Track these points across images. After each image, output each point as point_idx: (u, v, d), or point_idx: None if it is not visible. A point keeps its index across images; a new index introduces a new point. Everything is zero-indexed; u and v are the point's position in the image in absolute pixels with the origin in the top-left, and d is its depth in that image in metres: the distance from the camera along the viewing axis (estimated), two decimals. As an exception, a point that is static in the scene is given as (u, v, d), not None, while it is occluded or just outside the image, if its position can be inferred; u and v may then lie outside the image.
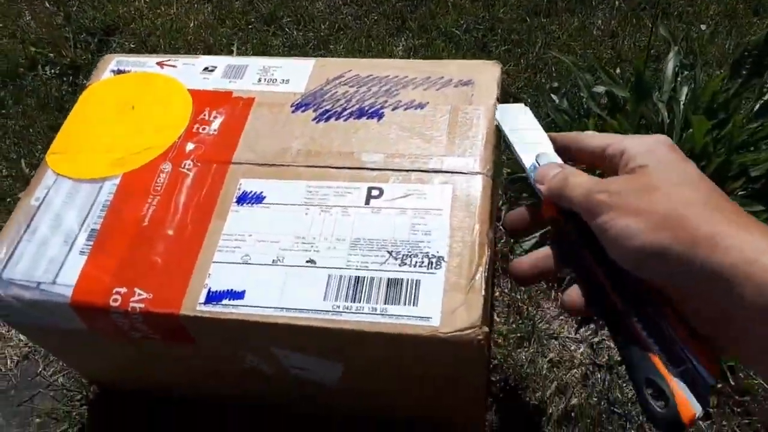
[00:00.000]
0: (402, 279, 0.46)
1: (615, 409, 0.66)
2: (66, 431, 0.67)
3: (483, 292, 0.45)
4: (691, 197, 0.29)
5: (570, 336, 0.71)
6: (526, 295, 0.74)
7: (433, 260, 0.47)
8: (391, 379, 0.52)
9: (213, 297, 0.47)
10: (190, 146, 0.56)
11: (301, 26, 1.01)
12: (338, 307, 0.46)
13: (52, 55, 0.99)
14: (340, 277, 0.47)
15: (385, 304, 0.45)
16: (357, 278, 0.47)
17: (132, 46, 1.03)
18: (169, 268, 0.49)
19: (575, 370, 0.69)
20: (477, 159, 0.52)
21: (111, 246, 0.50)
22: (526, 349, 0.70)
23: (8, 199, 0.85)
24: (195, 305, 0.47)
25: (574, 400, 0.67)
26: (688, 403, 0.27)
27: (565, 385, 0.68)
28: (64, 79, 0.97)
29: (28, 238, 0.52)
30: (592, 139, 0.40)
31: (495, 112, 0.55)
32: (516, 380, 0.68)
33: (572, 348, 0.70)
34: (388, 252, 0.48)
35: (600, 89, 0.81)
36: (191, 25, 1.00)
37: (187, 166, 0.54)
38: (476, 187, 0.50)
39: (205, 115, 0.58)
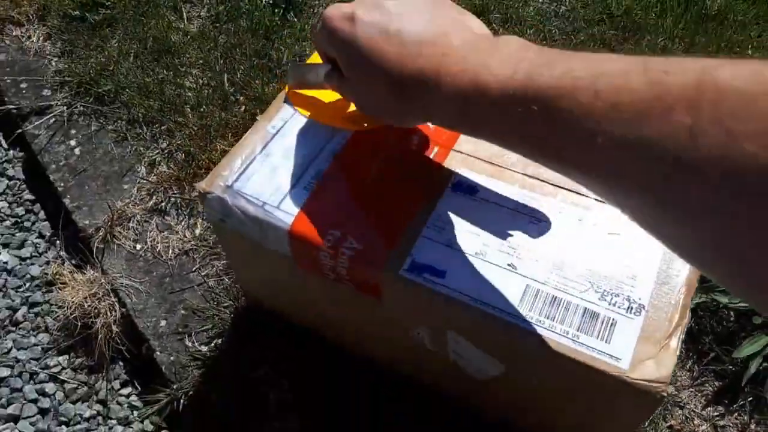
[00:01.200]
0: (599, 313, 0.47)
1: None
2: (207, 330, 0.73)
3: (676, 353, 0.46)
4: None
5: (696, 410, 0.70)
6: (661, 357, 0.73)
7: (634, 305, 0.48)
8: (546, 398, 0.54)
9: (415, 267, 0.50)
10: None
11: (508, 25, 1.02)
12: (531, 317, 0.47)
13: (269, -16, 1.05)
14: (538, 290, 0.49)
15: (578, 331, 0.47)
16: (555, 297, 0.48)
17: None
18: (381, 228, 0.52)
19: (691, 445, 0.68)
20: None
21: (333, 191, 0.54)
22: (647, 409, 0.70)
23: (203, 107, 0.92)
24: (398, 269, 0.50)
25: (682, 474, 0.66)
26: None
27: (679, 456, 0.67)
28: (276, 10, 1.03)
29: (262, 160, 0.56)
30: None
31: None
32: (630, 435, 0.68)
33: (695, 422, 0.69)
34: (589, 282, 0.49)
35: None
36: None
37: (414, 141, 0.57)
38: None
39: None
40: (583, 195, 0.53)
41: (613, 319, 0.47)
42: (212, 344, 0.72)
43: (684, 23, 1.01)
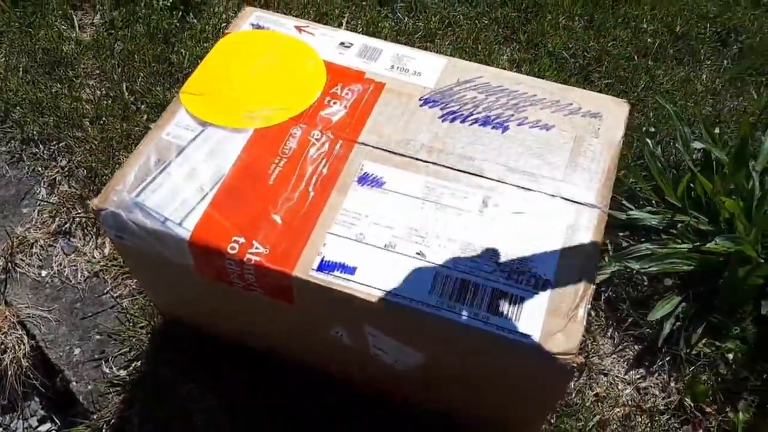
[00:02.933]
0: (507, 293, 0.48)
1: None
2: (125, 353, 0.70)
3: (584, 323, 0.47)
4: None
5: (619, 375, 0.72)
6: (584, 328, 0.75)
7: (540, 282, 0.48)
8: (467, 382, 0.54)
9: (326, 266, 0.49)
10: (320, 117, 0.57)
11: (413, 14, 1.02)
12: (443, 304, 0.47)
13: (165, -14, 1.01)
14: (447, 276, 0.49)
15: (487, 312, 0.47)
16: (464, 281, 0.48)
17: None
18: (288, 229, 0.51)
19: (618, 409, 0.70)
20: (594, 192, 0.53)
21: (235, 196, 0.52)
22: (575, 379, 0.72)
23: (103, 119, 0.87)
24: (308, 270, 0.49)
25: (612, 438, 0.68)
26: None
27: (606, 421, 0.69)
28: (174, 12, 0.99)
29: (157, 170, 0.54)
30: None
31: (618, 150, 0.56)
32: (561, 407, 0.69)
33: (620, 387, 0.72)
34: (496, 263, 0.49)
35: (698, 145, 0.82)
36: (303, -12, 1.02)
37: (315, 136, 0.56)
38: (590, 220, 0.52)
39: (337, 90, 0.59)
40: (486, 177, 0.54)
41: (520, 297, 0.47)
42: (131, 367, 0.69)
43: (582, 1, 1.04)
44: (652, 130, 0.88)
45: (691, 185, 0.82)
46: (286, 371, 0.66)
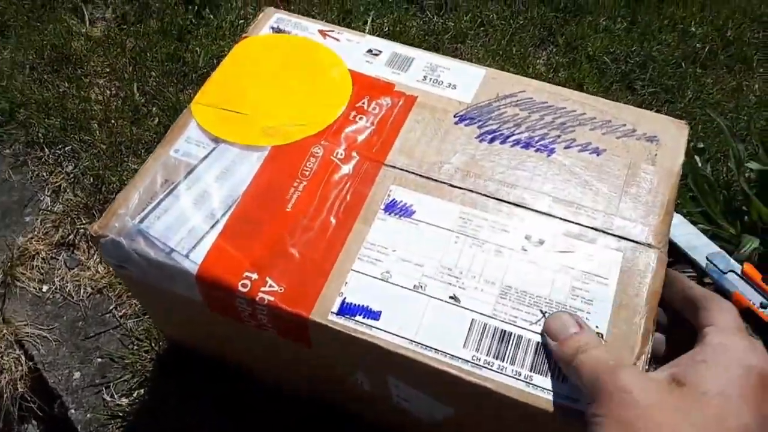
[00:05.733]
0: (555, 348, 0.42)
1: None
2: (127, 380, 0.65)
3: (642, 388, 0.40)
4: None
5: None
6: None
7: (592, 335, 0.42)
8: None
9: (347, 309, 0.43)
10: (344, 134, 0.51)
11: (443, 12, 0.95)
12: (478, 359, 0.41)
13: (181, -21, 0.96)
14: (485, 325, 0.43)
15: (531, 371, 0.41)
16: (504, 332, 0.42)
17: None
18: (306, 264, 0.45)
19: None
20: (652, 229, 0.47)
21: (249, 224, 0.47)
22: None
23: (112, 121, 0.82)
24: (327, 313, 0.43)
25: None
26: None
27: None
28: (189, 7, 0.94)
29: (164, 193, 0.48)
30: (690, 289, 0.40)
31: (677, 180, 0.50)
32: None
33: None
34: (541, 312, 0.43)
35: (754, 165, 0.75)
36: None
37: (338, 155, 0.50)
38: (649, 263, 0.45)
39: (364, 104, 0.53)
40: (530, 209, 0.48)
41: (570, 354, 0.41)
42: (133, 395, 0.64)
43: (625, 1, 0.97)
44: (701, 146, 0.81)
45: (745, 209, 0.75)
46: (301, 404, 0.61)
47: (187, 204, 0.48)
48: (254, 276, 0.45)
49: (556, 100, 0.54)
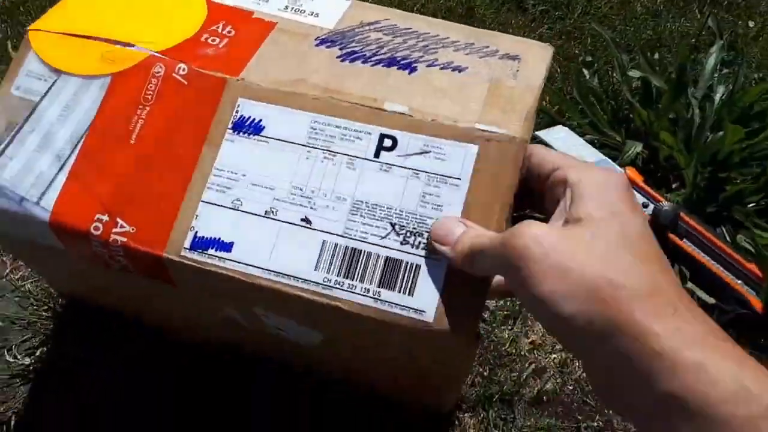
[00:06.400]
0: (401, 261, 0.42)
1: (587, 400, 0.66)
2: (28, 339, 0.65)
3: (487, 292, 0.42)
4: (630, 276, 0.28)
5: (554, 324, 0.70)
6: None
7: (438, 245, 0.44)
8: (370, 358, 0.50)
9: (199, 243, 0.44)
10: (192, 53, 0.48)
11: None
12: (329, 281, 0.42)
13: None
14: (336, 245, 0.43)
15: (379, 287, 0.42)
16: (354, 250, 0.43)
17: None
18: (155, 199, 0.44)
19: (554, 356, 0.68)
20: (510, 130, 0.44)
21: (96, 162, 0.45)
22: (509, 328, 0.69)
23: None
24: (180, 249, 0.43)
25: (549, 385, 0.66)
26: None
27: (543, 369, 0.67)
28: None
29: (8, 137, 0.47)
30: (545, 155, 0.39)
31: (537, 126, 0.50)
32: (495, 358, 0.67)
33: (554, 336, 0.69)
34: (391, 224, 0.44)
35: (635, 74, 0.76)
36: None
37: (181, 72, 0.47)
38: (504, 157, 0.43)
39: (218, 27, 0.51)
40: (385, 112, 0.46)
41: (416, 265, 0.42)
42: (36, 354, 0.64)
43: None
44: (589, 59, 0.82)
45: (630, 116, 0.77)
46: (199, 346, 0.62)
47: (33, 146, 0.46)
48: (105, 218, 0.44)
49: (421, 26, 0.54)
